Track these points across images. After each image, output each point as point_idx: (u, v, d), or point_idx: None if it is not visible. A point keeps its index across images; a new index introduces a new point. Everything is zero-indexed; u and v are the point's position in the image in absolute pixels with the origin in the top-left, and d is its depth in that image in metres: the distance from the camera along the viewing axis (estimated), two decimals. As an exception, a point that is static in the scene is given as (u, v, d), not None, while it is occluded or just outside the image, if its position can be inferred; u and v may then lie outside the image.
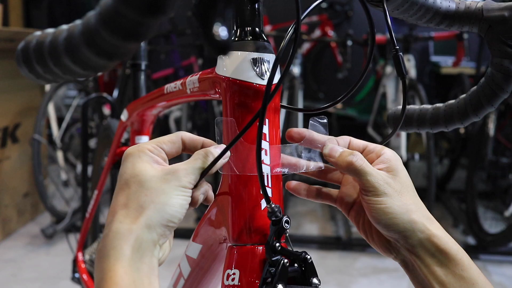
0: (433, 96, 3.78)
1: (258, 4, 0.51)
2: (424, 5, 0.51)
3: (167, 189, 0.45)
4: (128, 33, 0.31)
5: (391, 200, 0.48)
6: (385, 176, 0.49)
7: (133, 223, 0.43)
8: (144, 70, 1.10)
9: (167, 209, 0.45)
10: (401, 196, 0.49)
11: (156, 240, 0.44)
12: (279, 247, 0.49)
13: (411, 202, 0.49)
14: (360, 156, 0.50)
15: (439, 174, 3.28)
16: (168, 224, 0.45)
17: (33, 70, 0.38)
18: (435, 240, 0.47)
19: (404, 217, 0.48)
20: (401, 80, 0.53)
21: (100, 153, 1.44)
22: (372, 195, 0.48)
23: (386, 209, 0.48)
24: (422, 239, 0.48)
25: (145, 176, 0.45)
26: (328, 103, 0.58)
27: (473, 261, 0.48)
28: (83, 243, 1.37)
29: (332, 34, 3.82)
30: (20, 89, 2.62)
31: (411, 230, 0.48)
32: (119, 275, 0.41)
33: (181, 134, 0.50)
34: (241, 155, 0.51)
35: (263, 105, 0.46)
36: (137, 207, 0.44)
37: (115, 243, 0.42)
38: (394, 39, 0.52)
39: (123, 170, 0.47)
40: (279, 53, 0.47)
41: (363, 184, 0.49)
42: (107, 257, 0.42)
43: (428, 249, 0.48)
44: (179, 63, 3.68)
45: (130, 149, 0.48)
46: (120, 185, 0.46)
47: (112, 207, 0.46)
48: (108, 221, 0.45)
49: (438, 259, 0.47)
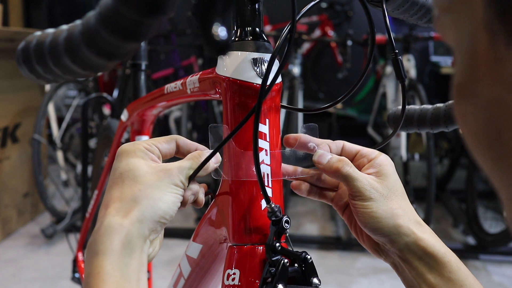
0: (433, 96, 3.78)
1: (258, 4, 0.51)
2: (425, 5, 0.51)
3: (160, 185, 0.46)
4: (128, 33, 0.31)
5: (376, 205, 0.49)
6: (372, 181, 0.50)
7: (125, 218, 0.44)
8: (144, 70, 1.10)
9: (160, 204, 0.45)
10: (387, 201, 0.49)
11: (147, 235, 0.45)
12: (279, 247, 0.49)
13: (397, 206, 0.50)
14: (347, 162, 0.51)
15: (439, 174, 3.28)
16: (160, 220, 0.45)
17: (33, 70, 0.38)
18: (422, 244, 0.48)
19: (389, 222, 0.49)
20: (400, 84, 0.53)
21: (100, 153, 1.44)
22: (358, 200, 0.49)
23: (372, 213, 0.49)
24: (409, 243, 0.48)
25: (139, 171, 0.46)
26: (328, 103, 0.58)
27: (473, 261, 0.49)
28: (83, 243, 1.37)
29: (332, 34, 3.82)
30: (20, 89, 2.62)
31: (397, 234, 0.49)
32: (107, 271, 0.41)
33: (176, 137, 0.52)
34: (238, 159, 0.51)
35: (258, 101, 0.46)
36: (130, 201, 0.45)
37: (105, 238, 0.43)
38: (393, 42, 0.52)
39: (117, 165, 0.47)
40: (274, 51, 0.47)
41: (350, 189, 0.50)
42: (96, 252, 0.42)
43: (415, 252, 0.48)
44: (179, 63, 3.68)
45: (125, 146, 0.49)
46: (114, 179, 0.47)
47: (105, 200, 0.46)
48: (100, 215, 0.45)
49: (425, 262, 0.48)
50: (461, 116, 0.24)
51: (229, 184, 0.52)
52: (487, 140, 0.23)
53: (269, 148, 0.51)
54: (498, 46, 0.21)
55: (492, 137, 0.22)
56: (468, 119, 0.24)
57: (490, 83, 0.22)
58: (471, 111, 0.23)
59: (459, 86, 0.24)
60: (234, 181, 0.52)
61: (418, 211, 2.66)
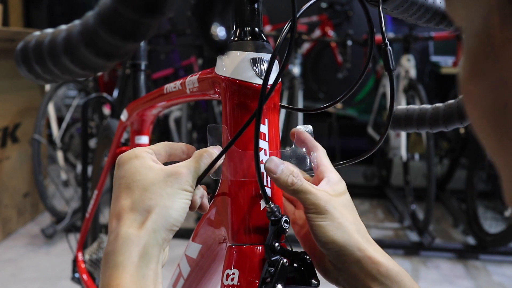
0: (433, 96, 3.78)
1: (258, 4, 0.51)
2: (424, 5, 0.51)
3: (171, 192, 0.46)
4: (126, 33, 0.31)
5: (331, 217, 0.48)
6: (326, 195, 0.49)
7: (140, 229, 0.44)
8: (143, 70, 1.10)
9: (171, 213, 0.45)
10: (341, 215, 0.49)
11: (161, 245, 0.45)
12: (278, 247, 0.49)
13: (351, 221, 0.49)
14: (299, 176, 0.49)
15: (439, 174, 3.28)
16: (172, 228, 0.45)
17: (32, 70, 0.38)
18: (375, 261, 0.47)
19: (344, 235, 0.48)
20: (388, 75, 0.52)
21: (100, 153, 1.44)
22: (313, 212, 0.48)
23: (326, 226, 0.48)
24: (361, 258, 0.47)
25: (147, 179, 0.46)
26: (328, 103, 0.58)
27: (473, 261, 0.48)
28: (83, 243, 1.37)
29: (332, 34, 3.82)
30: (20, 89, 2.62)
31: (350, 248, 0.47)
32: (126, 283, 0.41)
33: (164, 142, 0.52)
34: (237, 159, 0.51)
35: (260, 104, 0.46)
36: (143, 211, 0.44)
37: (124, 250, 0.43)
38: (385, 35, 0.51)
39: (122, 174, 0.47)
40: (274, 51, 0.47)
41: (304, 202, 0.49)
42: (115, 264, 0.42)
43: (369, 271, 0.47)
44: (179, 63, 3.68)
45: (127, 154, 0.48)
46: (122, 188, 0.46)
47: (116, 211, 0.46)
48: (113, 226, 0.45)
49: (378, 282, 0.47)
50: (468, 95, 0.25)
51: (228, 184, 0.52)
52: (493, 120, 0.23)
53: (268, 148, 0.51)
54: (509, 28, 0.21)
55: (498, 117, 0.23)
56: (475, 98, 0.24)
57: (499, 63, 0.22)
58: (479, 90, 0.24)
59: (468, 66, 0.24)
60: (233, 181, 0.52)
61: (418, 211, 2.67)
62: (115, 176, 0.48)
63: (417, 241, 2.45)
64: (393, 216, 2.96)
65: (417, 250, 2.43)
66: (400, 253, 2.44)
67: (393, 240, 2.59)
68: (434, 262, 2.33)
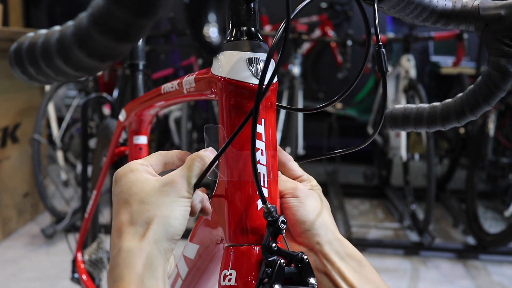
0: (433, 96, 3.78)
1: (254, 4, 0.51)
2: (420, 4, 0.51)
3: (168, 202, 0.46)
4: (120, 34, 0.31)
5: (309, 201, 0.54)
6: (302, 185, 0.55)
7: (142, 240, 0.44)
8: (142, 70, 1.10)
9: (171, 221, 0.45)
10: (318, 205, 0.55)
11: (164, 255, 0.45)
12: (275, 247, 0.49)
13: (326, 214, 0.55)
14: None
15: (439, 174, 3.28)
16: (173, 237, 0.45)
17: (26, 72, 0.38)
18: (342, 243, 0.52)
19: (319, 217, 0.53)
20: (381, 77, 0.53)
21: (99, 153, 1.44)
22: (290, 197, 0.54)
23: (304, 206, 0.53)
24: (332, 240, 0.52)
25: (144, 191, 0.46)
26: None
27: (473, 261, 0.50)
28: (82, 243, 1.37)
29: (332, 34, 3.82)
30: (20, 89, 2.63)
31: (324, 228, 0.53)
32: None
33: (158, 152, 0.53)
34: (234, 160, 0.51)
35: (256, 103, 0.46)
36: (143, 223, 0.44)
37: (128, 262, 0.43)
38: (379, 36, 0.52)
39: (119, 189, 0.47)
40: (270, 51, 0.47)
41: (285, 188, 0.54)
42: (120, 276, 0.42)
43: (338, 252, 0.51)
44: (179, 63, 3.68)
45: (122, 169, 0.48)
46: (120, 204, 0.46)
47: (115, 226, 0.46)
48: (115, 241, 0.45)
49: (346, 263, 0.51)
50: None
51: (225, 185, 0.52)
52: None
53: (265, 148, 0.51)
54: None
55: None
56: None
57: None
58: None
59: None
60: (230, 181, 0.52)
61: (418, 211, 2.67)
62: (113, 192, 0.48)
63: (417, 241, 2.45)
64: (393, 216, 2.96)
65: (417, 250, 2.42)
66: (400, 253, 2.44)
67: (393, 240, 2.59)
68: (434, 262, 2.33)
